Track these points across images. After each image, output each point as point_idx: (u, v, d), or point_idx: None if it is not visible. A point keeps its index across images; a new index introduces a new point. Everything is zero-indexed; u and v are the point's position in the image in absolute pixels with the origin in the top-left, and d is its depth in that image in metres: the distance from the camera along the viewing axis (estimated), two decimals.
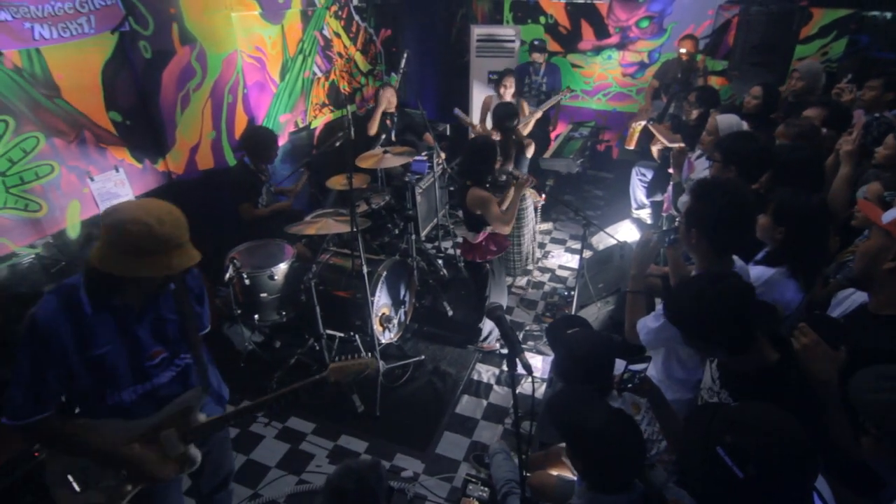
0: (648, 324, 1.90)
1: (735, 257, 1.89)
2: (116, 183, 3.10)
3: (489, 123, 4.66)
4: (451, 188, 5.24)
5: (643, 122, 4.29)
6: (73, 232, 2.94)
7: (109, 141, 3.05)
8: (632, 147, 4.60)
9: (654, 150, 4.08)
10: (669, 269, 2.25)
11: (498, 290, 3.34)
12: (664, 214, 3.57)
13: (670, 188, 3.41)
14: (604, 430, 1.36)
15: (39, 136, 2.68)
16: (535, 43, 5.13)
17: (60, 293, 1.46)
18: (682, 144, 3.42)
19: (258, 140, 3.51)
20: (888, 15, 4.53)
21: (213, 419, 1.74)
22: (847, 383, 1.22)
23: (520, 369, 1.45)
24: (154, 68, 3.21)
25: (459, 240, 3.90)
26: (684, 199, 3.23)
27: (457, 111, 4.62)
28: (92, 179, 2.96)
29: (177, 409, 1.65)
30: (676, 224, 3.23)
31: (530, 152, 3.96)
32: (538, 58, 5.11)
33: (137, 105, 3.15)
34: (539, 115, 4.65)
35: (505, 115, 3.43)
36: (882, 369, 1.12)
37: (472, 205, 2.95)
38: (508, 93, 4.43)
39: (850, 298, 1.83)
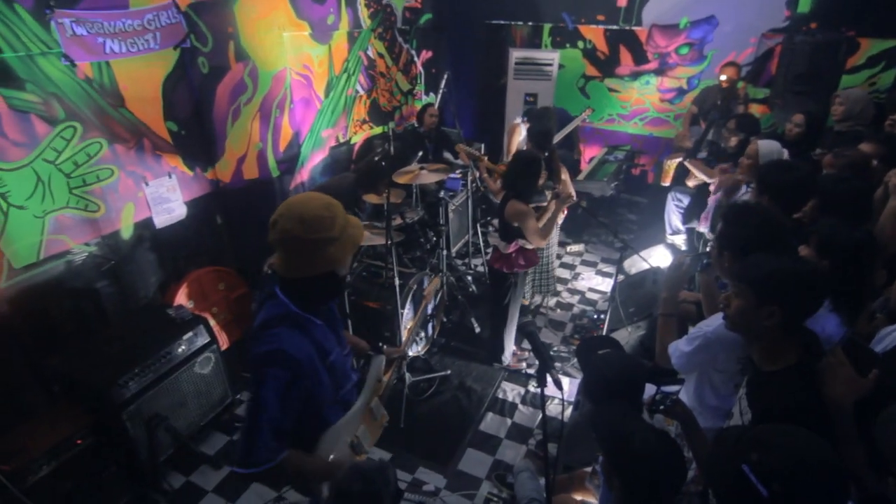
0: (681, 347, 1.88)
1: None
2: (168, 188, 3.28)
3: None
4: (483, 206, 5.29)
5: (678, 160, 4.24)
6: (126, 233, 3.12)
7: (165, 149, 3.23)
8: (667, 183, 4.55)
9: (690, 183, 4.04)
10: (702, 294, 2.22)
11: (515, 305, 3.35)
12: (702, 229, 3.47)
13: (711, 203, 3.34)
14: (649, 448, 1.35)
15: (103, 141, 2.88)
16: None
17: (281, 322, 1.42)
18: (727, 166, 3.38)
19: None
20: None
21: (390, 379, 1.93)
22: (866, 415, 1.19)
23: (550, 387, 1.45)
24: (210, 82, 3.41)
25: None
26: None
27: (460, 146, 4.37)
28: (147, 184, 3.14)
29: (373, 382, 1.79)
30: (709, 249, 3.18)
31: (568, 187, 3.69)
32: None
33: (192, 116, 3.34)
34: (560, 137, 4.68)
35: (543, 135, 3.44)
36: None
37: (511, 217, 2.98)
38: (515, 141, 4.47)
39: (892, 335, 1.76)
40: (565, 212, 3.92)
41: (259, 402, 1.36)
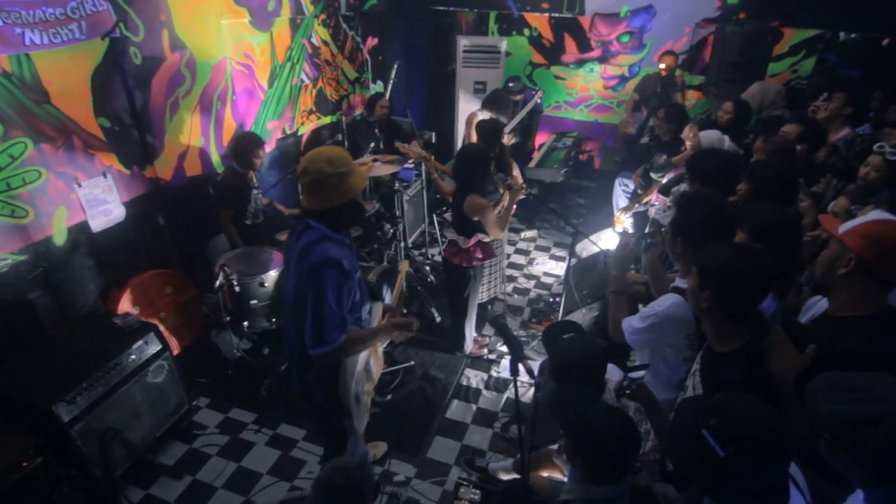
0: (634, 324, 2.00)
1: None
2: (104, 189, 3.07)
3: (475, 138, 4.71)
4: (438, 195, 5.30)
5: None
6: (60, 239, 2.90)
7: (98, 147, 3.02)
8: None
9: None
10: (648, 272, 2.37)
11: (474, 296, 3.40)
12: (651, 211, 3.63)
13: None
14: (606, 426, 1.46)
15: (27, 141, 2.65)
16: (510, 85, 4.97)
17: (322, 240, 1.80)
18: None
19: (239, 145, 3.50)
20: (854, 36, 4.80)
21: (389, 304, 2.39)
22: (805, 382, 1.34)
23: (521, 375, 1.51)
24: (144, 74, 3.20)
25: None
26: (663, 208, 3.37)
27: (404, 147, 3.97)
28: (79, 185, 2.93)
29: (376, 321, 2.19)
30: (651, 230, 3.37)
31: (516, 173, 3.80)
32: (518, 97, 5.02)
33: (126, 111, 3.13)
34: (514, 123, 4.77)
35: (491, 131, 3.49)
36: (833, 380, 1.20)
37: (470, 211, 3.01)
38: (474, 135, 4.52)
39: (817, 305, 1.95)
40: (514, 207, 3.97)
41: (323, 297, 1.76)
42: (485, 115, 4.45)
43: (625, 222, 4.27)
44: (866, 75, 4.64)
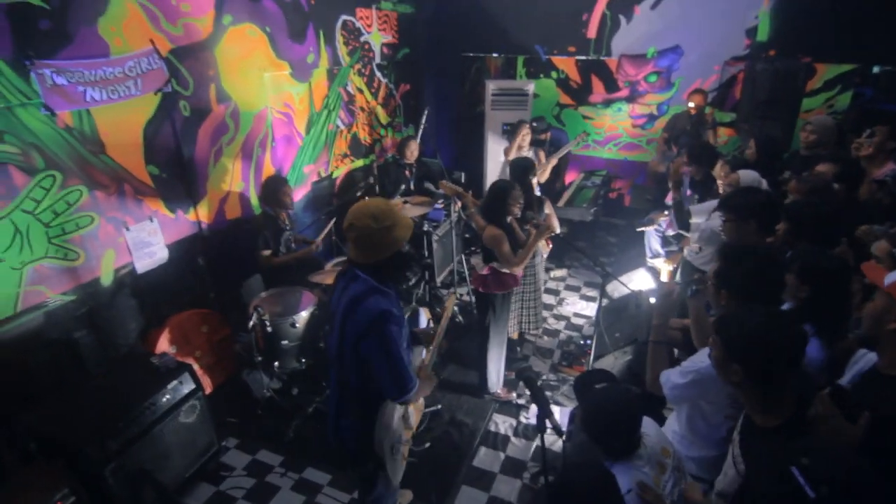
0: (674, 379, 1.91)
1: None
2: (150, 232, 3.24)
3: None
4: (467, 235, 5.34)
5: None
6: (107, 280, 3.05)
7: (146, 193, 3.21)
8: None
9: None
10: (691, 320, 2.27)
11: (496, 329, 3.35)
12: (666, 232, 3.50)
13: (671, 210, 3.45)
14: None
15: (83, 189, 2.84)
16: (534, 125, 5.03)
17: (371, 293, 1.82)
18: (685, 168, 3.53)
19: (265, 188, 3.69)
20: (890, 68, 4.67)
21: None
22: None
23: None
24: (191, 125, 3.42)
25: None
26: (701, 251, 3.27)
27: (444, 183, 3.99)
28: (128, 229, 3.10)
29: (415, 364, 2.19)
30: (697, 276, 3.26)
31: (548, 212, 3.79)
32: (543, 136, 5.18)
33: (174, 159, 3.32)
34: (555, 161, 4.82)
35: (522, 170, 3.55)
36: None
37: (487, 242, 3.12)
38: (526, 140, 4.59)
39: (867, 357, 1.83)
40: (550, 245, 3.97)
41: (393, 350, 1.81)
42: (520, 154, 4.54)
43: (666, 271, 4.18)
44: None
